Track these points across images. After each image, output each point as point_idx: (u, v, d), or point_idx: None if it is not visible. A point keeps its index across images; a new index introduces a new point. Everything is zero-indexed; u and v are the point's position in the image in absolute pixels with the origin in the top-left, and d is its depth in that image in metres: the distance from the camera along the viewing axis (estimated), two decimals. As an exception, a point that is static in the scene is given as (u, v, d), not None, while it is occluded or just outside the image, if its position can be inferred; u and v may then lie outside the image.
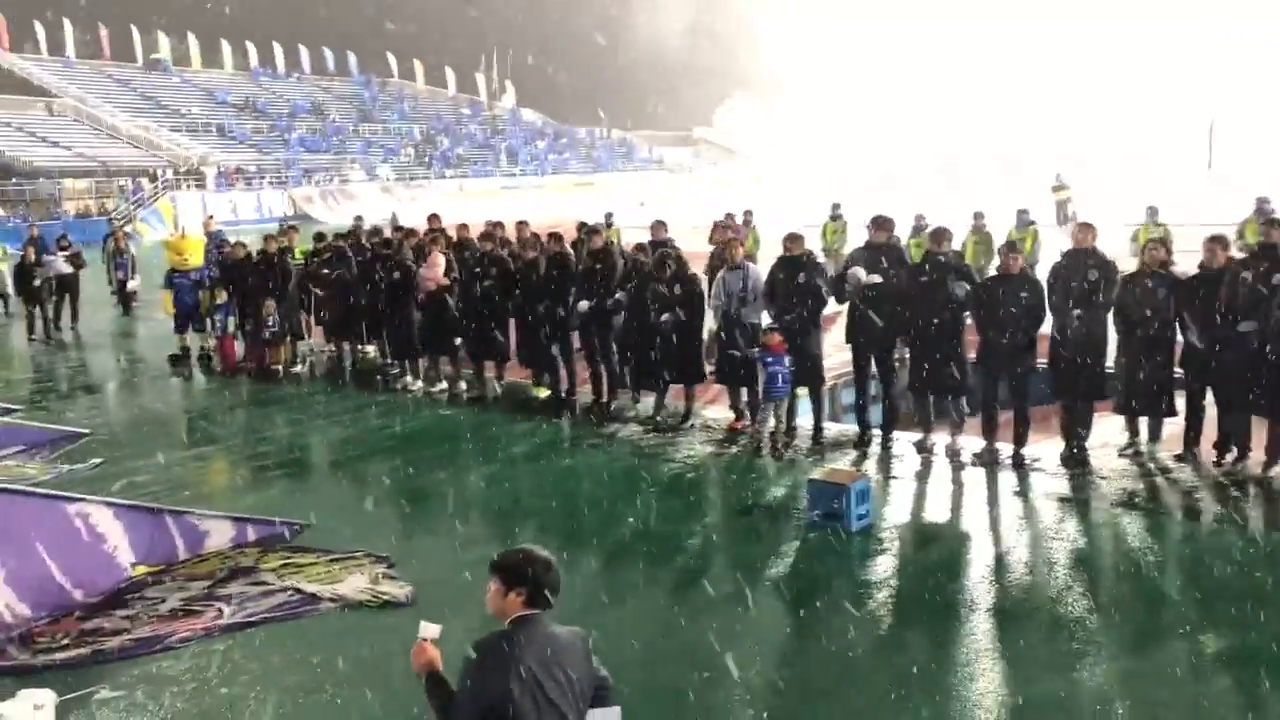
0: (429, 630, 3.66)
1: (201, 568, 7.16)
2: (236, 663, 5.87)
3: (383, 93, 74.84)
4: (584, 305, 10.83)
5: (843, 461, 9.06)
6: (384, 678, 5.49)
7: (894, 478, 8.69)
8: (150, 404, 12.84)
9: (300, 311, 14.43)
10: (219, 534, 7.53)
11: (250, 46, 69.74)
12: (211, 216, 23.89)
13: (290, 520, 7.91)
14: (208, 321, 14.71)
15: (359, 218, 21.16)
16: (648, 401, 11.00)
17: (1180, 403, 8.60)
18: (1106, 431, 9.09)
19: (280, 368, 13.77)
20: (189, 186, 46.44)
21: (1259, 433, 8.25)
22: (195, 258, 15.55)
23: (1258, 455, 8.24)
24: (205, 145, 53.10)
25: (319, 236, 15.11)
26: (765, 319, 9.87)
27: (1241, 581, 6.42)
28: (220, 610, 6.50)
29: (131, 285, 20.16)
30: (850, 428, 10.14)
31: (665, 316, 10.06)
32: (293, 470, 9.71)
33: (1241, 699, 5.13)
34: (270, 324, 13.63)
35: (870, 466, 8.91)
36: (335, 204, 48.36)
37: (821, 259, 11.67)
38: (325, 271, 13.81)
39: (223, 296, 14.35)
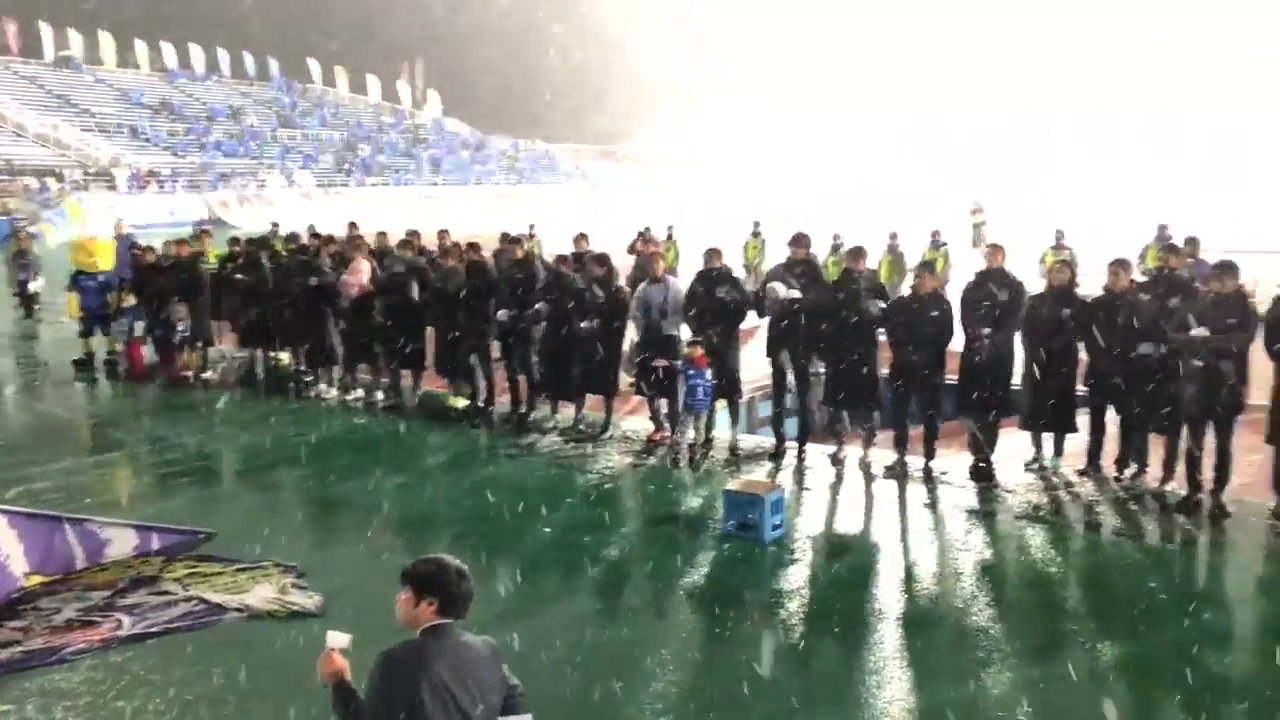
0: (337, 640, 3.61)
1: (101, 577, 6.94)
2: (136, 675, 5.70)
3: (303, 99, 73.67)
4: (503, 315, 10.78)
5: (758, 473, 9.15)
6: (291, 688, 5.37)
7: (808, 489, 8.81)
8: (52, 409, 12.44)
9: (211, 317, 14.11)
10: (121, 542, 7.30)
11: (167, 47, 68.06)
12: (122, 219, 23.24)
13: (196, 529, 7.72)
14: (113, 325, 14.29)
15: (275, 224, 20.79)
16: (567, 412, 10.99)
17: (1083, 419, 8.89)
18: (1012, 446, 9.32)
19: (190, 374, 13.45)
20: (99, 188, 45.10)
21: (1157, 449, 8.54)
22: (105, 260, 15.10)
23: (1155, 471, 8.53)
24: (117, 146, 51.62)
25: (234, 241, 14.82)
26: (685, 332, 9.94)
27: (1138, 592, 6.63)
28: (120, 621, 6.31)
29: (34, 287, 19.47)
30: (766, 440, 10.25)
31: (584, 324, 10.07)
32: (200, 478, 9.48)
33: (1138, 705, 5.30)
34: (180, 328, 13.32)
35: (785, 478, 9.00)
36: (252, 209, 47.38)
37: (742, 275, 11.79)
38: (239, 277, 13.54)
39: (130, 300, 13.97)
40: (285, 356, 14.07)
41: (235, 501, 8.92)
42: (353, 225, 14.74)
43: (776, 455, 9.71)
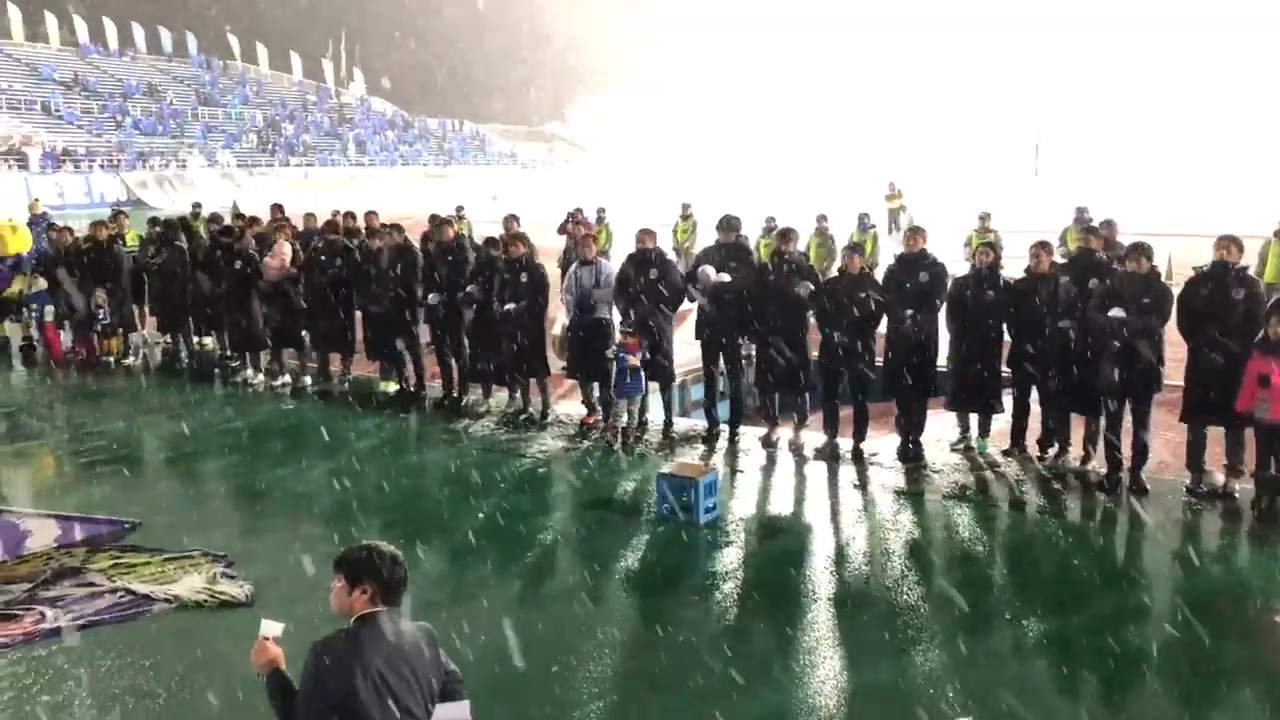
0: (270, 628, 3.57)
1: (21, 569, 6.76)
2: (60, 669, 5.57)
3: (224, 76, 72.00)
4: (434, 298, 10.68)
5: (691, 456, 9.21)
6: (223, 679, 5.30)
7: (740, 471, 8.89)
8: (-36, 397, 12.04)
9: (132, 301, 13.76)
10: (42, 533, 7.15)
11: (79, 21, 65.92)
12: (38, 199, 22.54)
13: (121, 518, 7.55)
14: (25, 310, 13.86)
15: (197, 204, 20.31)
16: (500, 397, 10.94)
17: (1007, 400, 9.09)
18: (939, 427, 9.50)
19: (111, 359, 13.12)
20: (10, 167, 43.63)
21: (1079, 429, 8.78)
22: (17, 244, 14.61)
23: (1077, 450, 8.76)
24: (29, 124, 49.97)
25: (153, 222, 14.45)
26: (616, 315, 9.95)
27: (1062, 569, 6.83)
28: (43, 614, 6.15)
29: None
30: (699, 423, 10.31)
31: (509, 306, 10.03)
32: (124, 467, 9.25)
33: (1061, 678, 5.45)
34: (101, 315, 12.98)
35: (718, 460, 9.08)
36: (172, 190, 46.34)
37: (672, 257, 11.81)
38: (159, 261, 13.22)
39: (41, 283, 13.56)
40: (209, 342, 13.80)
41: (160, 490, 8.72)
42: (277, 207, 14.44)
43: (709, 438, 9.78)
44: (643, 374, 9.57)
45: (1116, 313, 7.85)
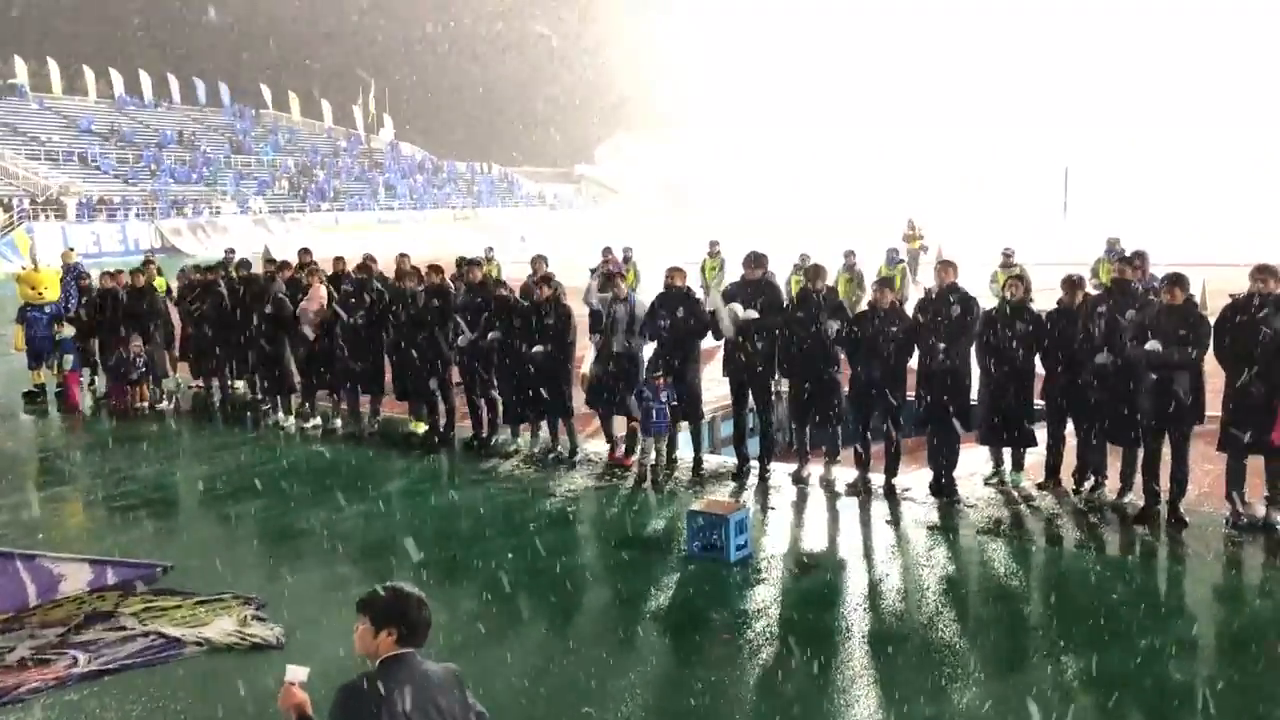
0: (296, 673, 3.55)
1: (55, 614, 6.79)
2: (92, 713, 5.57)
3: (256, 124, 73.16)
4: (464, 339, 10.72)
5: (721, 493, 9.15)
6: (252, 723, 5.28)
7: (771, 508, 8.82)
8: (1, 443, 12.18)
9: (163, 348, 13.91)
10: (75, 577, 7.15)
11: (115, 74, 67.30)
12: (72, 249, 22.88)
13: (153, 562, 7.58)
14: (49, 356, 14.04)
15: (230, 250, 20.55)
16: (528, 436, 10.94)
17: (1041, 433, 8.98)
18: (972, 461, 9.39)
19: (145, 405, 13.24)
20: (48, 217, 44.43)
21: (1115, 461, 8.64)
22: (51, 291, 14.84)
23: (1114, 482, 8.63)
24: (66, 174, 50.93)
25: (194, 269, 14.63)
26: (648, 351, 9.97)
27: (1100, 604, 6.69)
28: (75, 659, 6.17)
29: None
30: (729, 460, 10.25)
31: (535, 349, 10.06)
32: (157, 510, 9.31)
33: (1100, 715, 5.33)
34: (138, 363, 13.13)
35: (748, 497, 9.02)
36: (205, 237, 46.97)
37: (700, 295, 11.81)
38: (194, 306, 13.37)
39: (69, 331, 13.75)
40: (241, 386, 13.90)
41: (193, 533, 8.76)
42: (305, 251, 14.58)
43: (739, 475, 9.72)
44: (668, 412, 9.54)
45: (1154, 345, 7.74)
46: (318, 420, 12.14)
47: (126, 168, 55.95)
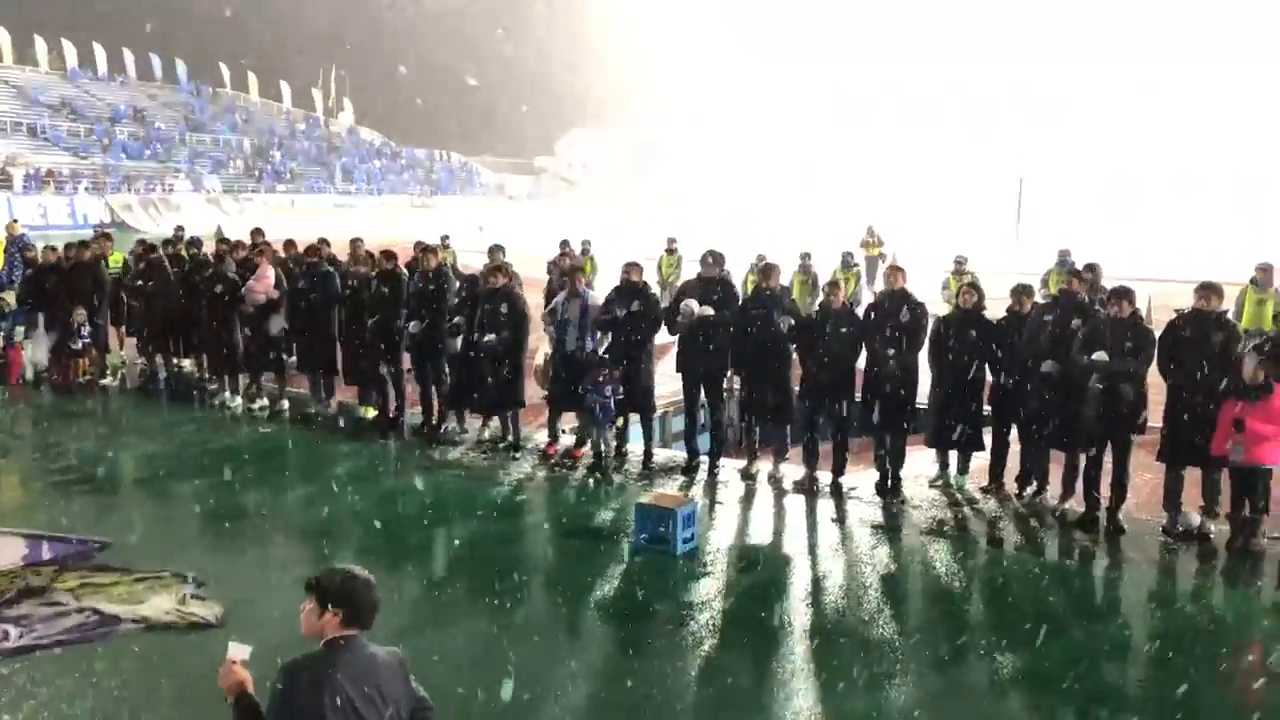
0: (238, 651, 3.52)
1: (-12, 588, 6.66)
2: (22, 688, 5.46)
3: (213, 103, 72.03)
4: (414, 326, 10.64)
5: (671, 486, 9.18)
6: (190, 702, 5.22)
7: (719, 503, 8.86)
8: (-64, 415, 11.91)
9: (108, 323, 13.67)
10: (9, 551, 7.05)
11: (68, 45, 65.87)
12: (16, 220, 22.40)
13: (90, 538, 7.46)
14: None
15: (180, 228, 20.24)
16: (477, 424, 10.89)
17: (987, 438, 9.11)
18: (918, 463, 9.51)
19: (88, 379, 13.01)
20: (-7, 187, 43.43)
21: (1057, 468, 8.80)
22: (-6, 263, 14.55)
23: (1055, 488, 8.78)
24: (14, 145, 49.80)
25: (141, 244, 14.39)
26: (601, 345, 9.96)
27: (1038, 606, 6.81)
28: (6, 633, 6.05)
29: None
30: (679, 454, 10.29)
31: (489, 337, 10.01)
32: (96, 487, 9.14)
33: (1033, 714, 5.43)
34: (83, 334, 12.89)
35: (697, 492, 9.05)
36: (157, 214, 46.10)
37: (656, 291, 11.84)
38: (141, 283, 13.16)
39: (11, 303, 13.48)
40: (188, 364, 13.71)
41: (132, 510, 8.62)
42: (258, 232, 14.41)
43: (689, 469, 9.75)
44: (612, 406, 9.54)
45: (1100, 356, 7.90)
46: (265, 401, 12.00)
47: (77, 141, 54.81)
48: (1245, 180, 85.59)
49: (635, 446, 10.15)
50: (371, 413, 11.38)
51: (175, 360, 13.65)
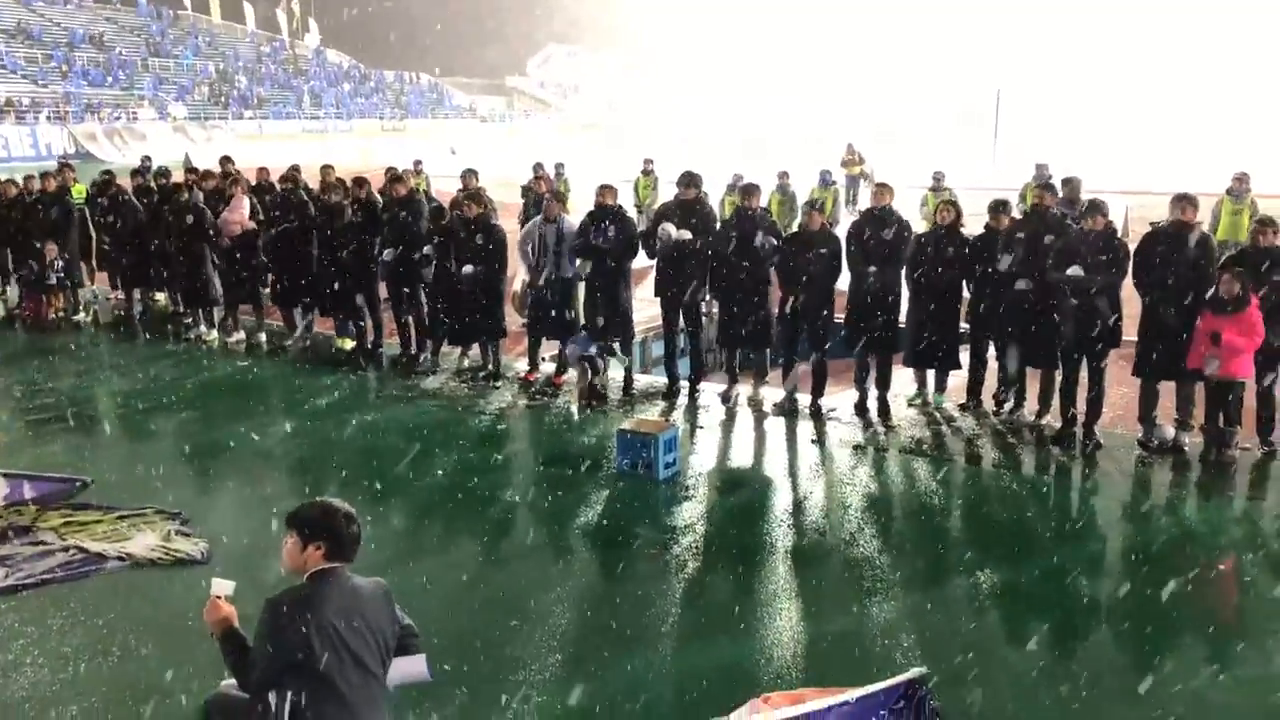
0: (222, 586, 3.55)
1: (-31, 529, 6.64)
2: (9, 627, 5.49)
3: (174, 27, 70.16)
4: (388, 254, 10.53)
5: (652, 412, 9.21)
6: (177, 637, 5.25)
7: (700, 427, 8.91)
8: (-92, 354, 11.77)
9: (79, 257, 13.47)
10: (-10, 492, 7.00)
11: (21, -33, 63.81)
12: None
13: (72, 476, 7.44)
14: None
15: (147, 158, 19.88)
16: (457, 353, 10.86)
17: (965, 357, 9.16)
18: (896, 382, 9.55)
19: (61, 315, 12.86)
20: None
21: (1034, 384, 8.86)
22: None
23: (1033, 404, 8.85)
24: (-31, 74, 48.57)
25: (105, 174, 14.12)
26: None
27: (1016, 521, 6.92)
28: (-9, 573, 6.06)
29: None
30: (659, 379, 10.31)
31: (466, 269, 9.92)
32: (75, 425, 9.10)
33: (1014, 628, 5.54)
34: (57, 268, 12.71)
35: (678, 417, 9.09)
36: (122, 143, 45.21)
37: (633, 213, 11.74)
38: (108, 216, 12.93)
39: None
40: (162, 298, 13.57)
41: (113, 448, 8.59)
42: (226, 159, 14.15)
43: (669, 394, 9.78)
44: (588, 333, 9.53)
45: (1074, 270, 7.92)
46: (241, 334, 11.92)
47: (35, 68, 53.40)
48: (1226, 91, 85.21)
49: (614, 373, 10.15)
50: (349, 344, 11.32)
51: (149, 294, 13.50)
